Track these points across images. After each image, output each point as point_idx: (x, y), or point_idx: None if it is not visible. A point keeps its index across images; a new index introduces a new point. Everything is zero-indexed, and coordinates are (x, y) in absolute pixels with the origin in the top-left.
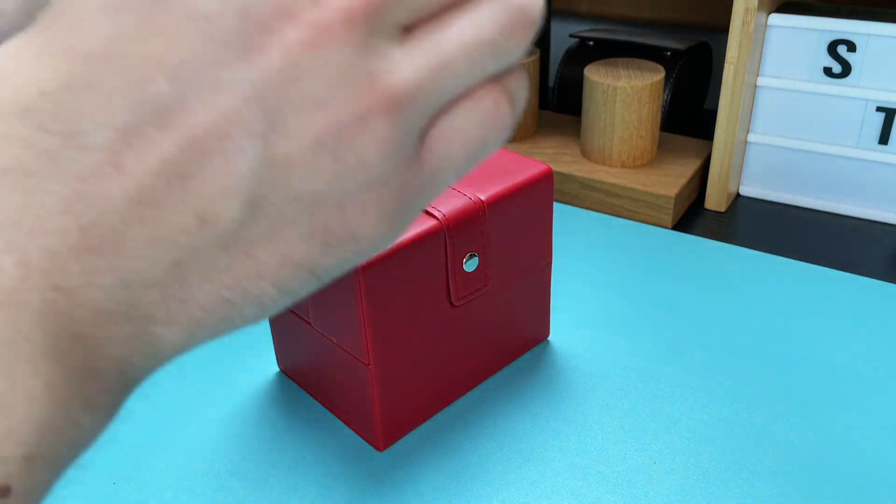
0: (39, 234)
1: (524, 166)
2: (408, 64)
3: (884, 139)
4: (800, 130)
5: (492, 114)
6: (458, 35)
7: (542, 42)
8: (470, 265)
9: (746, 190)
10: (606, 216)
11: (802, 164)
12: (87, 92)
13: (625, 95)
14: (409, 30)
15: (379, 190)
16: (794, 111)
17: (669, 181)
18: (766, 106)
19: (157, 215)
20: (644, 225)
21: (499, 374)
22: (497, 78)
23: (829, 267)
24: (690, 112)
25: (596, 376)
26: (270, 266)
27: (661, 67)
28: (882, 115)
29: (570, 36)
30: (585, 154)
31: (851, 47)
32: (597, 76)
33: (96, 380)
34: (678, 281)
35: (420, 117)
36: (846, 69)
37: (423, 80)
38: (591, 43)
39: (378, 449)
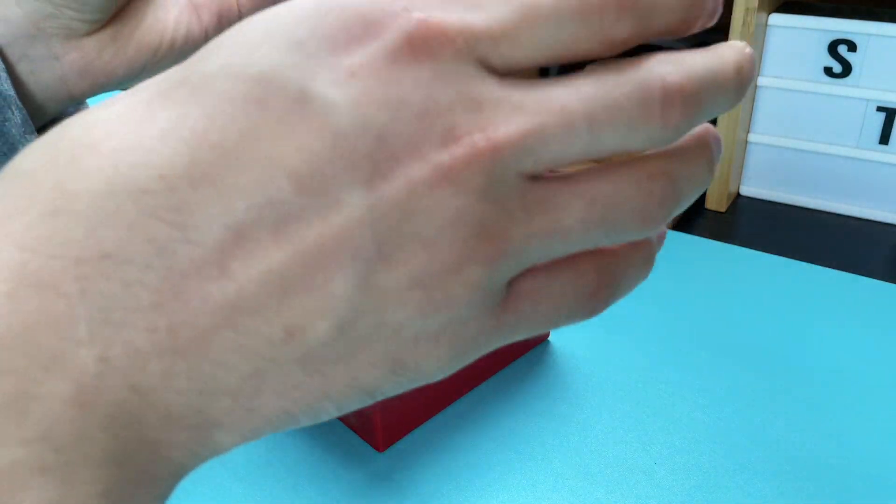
0: (127, 328)
1: None
2: (520, 220)
3: (884, 139)
4: (800, 130)
5: (589, 294)
6: (584, 206)
7: None
8: None
9: (747, 190)
10: None
11: (803, 164)
12: (208, 184)
13: None
14: (536, 179)
15: (455, 331)
16: (795, 111)
17: None
18: (766, 106)
19: (248, 324)
20: None
21: (499, 375)
22: (613, 253)
23: (830, 267)
24: None
25: (596, 377)
26: (338, 386)
27: None
28: (882, 115)
29: None
30: None
31: (852, 47)
32: None
33: (153, 485)
34: (679, 281)
35: (516, 270)
36: (847, 69)
37: (531, 242)
38: None
39: (378, 449)
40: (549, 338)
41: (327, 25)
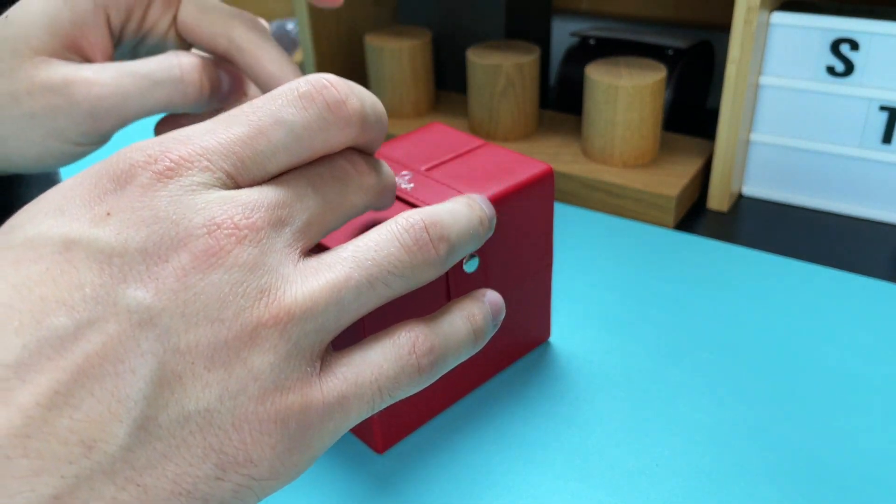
0: None
1: (524, 166)
2: (300, 283)
3: (887, 138)
4: (802, 130)
5: (411, 364)
6: (353, 252)
7: (543, 41)
8: (470, 266)
9: (749, 190)
10: (607, 216)
11: (805, 164)
12: None
13: (626, 94)
14: (305, 252)
15: (276, 407)
16: (797, 110)
17: (671, 181)
18: (768, 105)
19: (42, 447)
20: (645, 225)
21: (499, 376)
22: (434, 322)
23: (832, 267)
24: (692, 111)
25: (597, 378)
26: (160, 495)
27: (662, 66)
28: (885, 115)
29: (571, 35)
30: (586, 153)
31: (854, 46)
32: (598, 75)
33: None
34: (680, 281)
35: (316, 332)
36: (849, 68)
37: (316, 300)
38: (592, 42)
39: (377, 451)
40: (550, 339)
41: (83, 191)
